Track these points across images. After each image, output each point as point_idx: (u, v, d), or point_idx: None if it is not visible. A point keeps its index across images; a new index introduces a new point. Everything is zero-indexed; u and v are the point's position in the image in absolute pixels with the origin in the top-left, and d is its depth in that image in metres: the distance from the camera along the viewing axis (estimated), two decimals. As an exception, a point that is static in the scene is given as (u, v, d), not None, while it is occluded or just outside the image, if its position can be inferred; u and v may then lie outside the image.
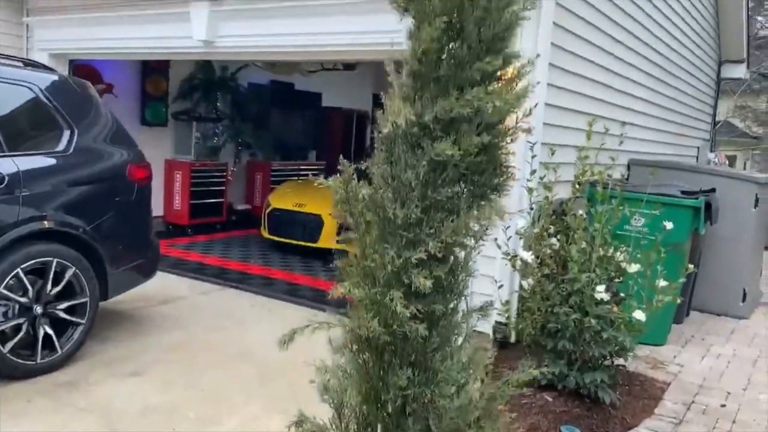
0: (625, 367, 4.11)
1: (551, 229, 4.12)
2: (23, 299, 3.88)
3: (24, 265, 3.85)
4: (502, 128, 1.54)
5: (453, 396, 1.58)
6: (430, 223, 1.53)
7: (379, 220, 1.57)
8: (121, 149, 4.63)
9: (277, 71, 10.12)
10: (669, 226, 4.09)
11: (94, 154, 4.43)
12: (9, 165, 3.88)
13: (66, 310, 4.09)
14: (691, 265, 4.40)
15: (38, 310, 3.93)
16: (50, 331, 3.99)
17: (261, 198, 9.73)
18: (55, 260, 3.99)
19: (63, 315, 4.07)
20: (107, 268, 4.33)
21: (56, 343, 4.01)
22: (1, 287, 3.75)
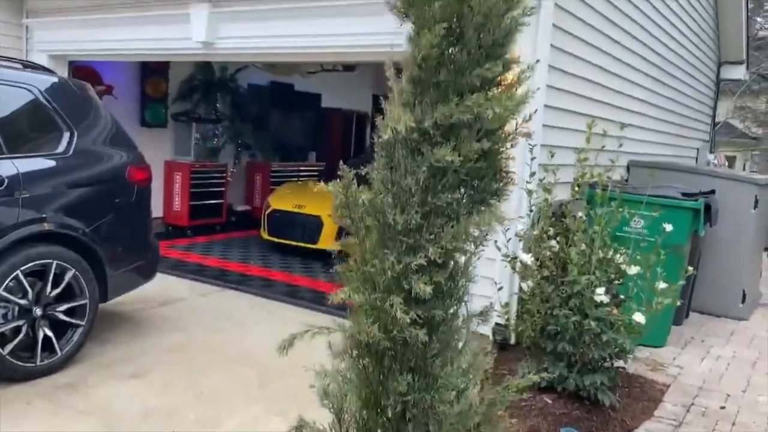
0: (624, 369, 4.11)
1: (551, 231, 4.12)
2: (23, 301, 3.87)
3: (24, 267, 3.84)
4: (501, 134, 1.54)
5: (453, 402, 1.58)
6: (430, 228, 1.52)
7: (379, 226, 1.57)
8: (120, 151, 4.63)
9: (276, 72, 10.12)
10: (668, 228, 4.09)
11: (94, 156, 4.43)
12: (9, 167, 3.87)
13: (65, 312, 4.08)
14: (690, 268, 4.40)
15: (38, 312, 3.93)
16: (50, 333, 3.98)
17: (261, 199, 9.72)
18: (55, 262, 3.99)
19: (62, 317, 4.06)
20: (107, 270, 4.33)
21: (56, 345, 4.01)
22: (1, 289, 3.74)
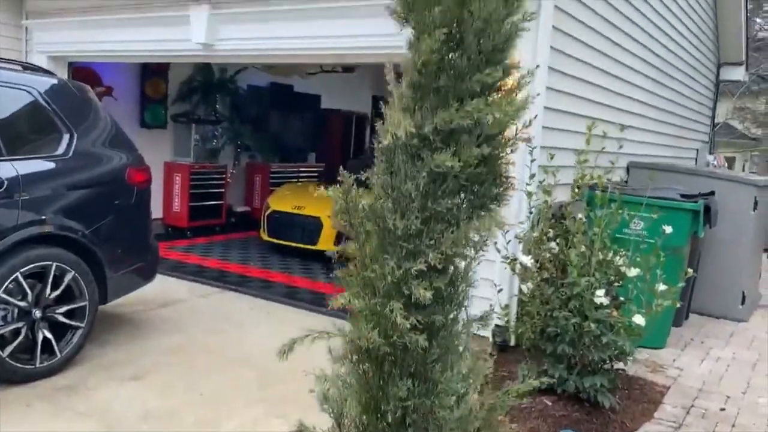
0: (624, 371, 4.11)
1: (550, 233, 4.12)
2: (22, 303, 3.87)
3: (23, 269, 3.84)
4: (502, 139, 1.54)
5: (453, 407, 1.58)
6: (430, 234, 1.52)
7: (379, 231, 1.56)
8: (120, 153, 4.63)
9: (275, 73, 10.12)
10: (668, 230, 4.09)
11: (94, 158, 4.43)
12: (8, 169, 3.87)
13: (65, 313, 4.08)
14: (690, 270, 4.40)
15: (37, 314, 3.92)
16: (49, 335, 3.98)
17: (260, 200, 9.73)
18: (55, 264, 3.99)
19: (62, 319, 4.06)
20: (106, 272, 4.33)
21: (55, 347, 4.00)
22: (1, 291, 3.74)
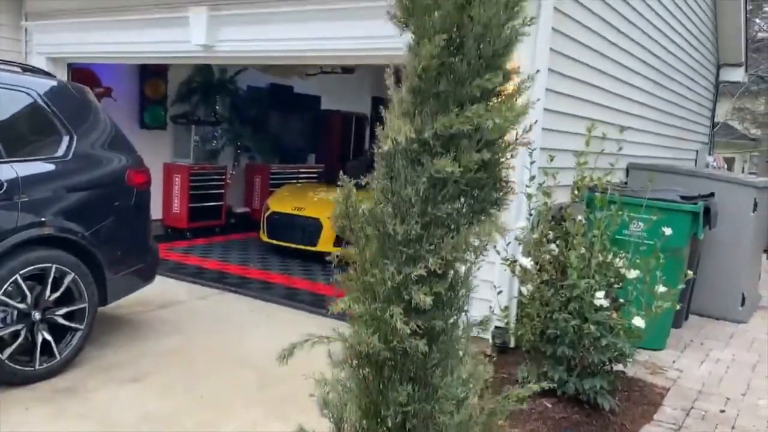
0: (624, 372, 4.11)
1: (550, 234, 4.12)
2: (22, 305, 3.87)
3: (23, 271, 3.84)
4: (502, 144, 1.54)
5: (453, 412, 1.58)
6: (430, 239, 1.52)
7: (379, 235, 1.56)
8: (120, 154, 4.63)
9: (275, 74, 10.11)
10: (668, 232, 4.09)
11: (93, 160, 4.42)
12: (8, 171, 3.87)
13: (65, 315, 4.07)
14: (690, 272, 4.40)
15: (37, 316, 3.92)
16: (49, 337, 3.97)
17: (260, 201, 9.72)
18: (54, 266, 3.98)
19: (62, 321, 4.06)
20: (106, 274, 4.32)
21: (55, 348, 4.00)
22: (0, 293, 3.74)
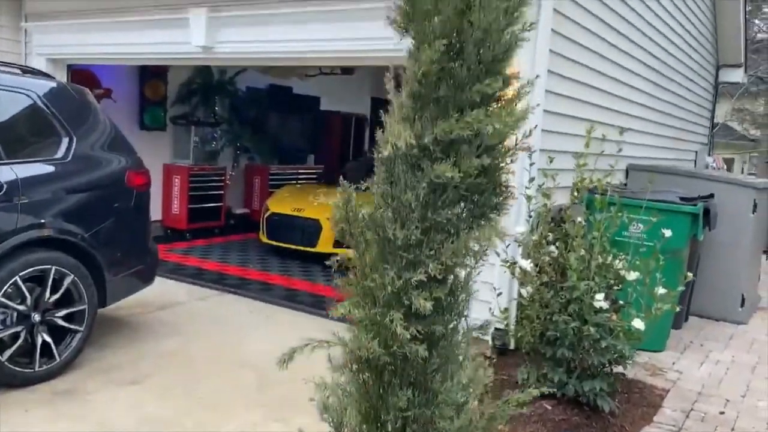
0: (624, 374, 4.11)
1: (550, 236, 4.12)
2: (21, 307, 3.86)
3: (22, 272, 3.83)
4: (502, 149, 1.54)
5: (453, 417, 1.58)
6: (430, 244, 1.52)
7: (379, 240, 1.56)
8: (119, 156, 4.63)
9: (274, 75, 10.11)
10: (667, 233, 4.09)
11: (93, 161, 4.42)
12: (7, 173, 3.87)
13: (64, 317, 4.07)
14: (690, 274, 4.40)
15: (36, 317, 3.92)
16: (48, 339, 3.97)
17: (259, 202, 9.72)
18: (54, 268, 3.98)
19: (61, 322, 4.05)
20: (106, 275, 4.32)
21: (54, 350, 4.00)
22: (0, 295, 3.74)
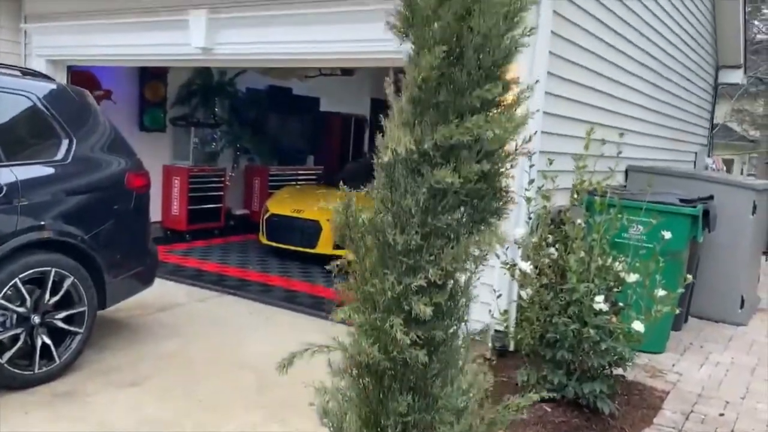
0: (624, 376, 4.11)
1: (549, 238, 4.12)
2: (21, 309, 3.86)
3: (22, 274, 3.83)
4: (502, 154, 1.54)
5: (453, 422, 1.58)
6: (430, 249, 1.52)
7: (379, 244, 1.56)
8: (119, 158, 4.63)
9: (274, 76, 10.12)
10: (667, 235, 4.09)
11: (93, 163, 4.42)
12: (7, 175, 3.87)
13: (64, 319, 4.07)
14: (689, 276, 4.40)
15: (36, 319, 3.92)
16: (48, 341, 3.97)
17: (259, 203, 9.72)
18: (54, 270, 3.98)
19: (61, 324, 4.05)
20: (105, 277, 4.32)
21: (54, 352, 4.00)
22: (-1, 297, 3.75)
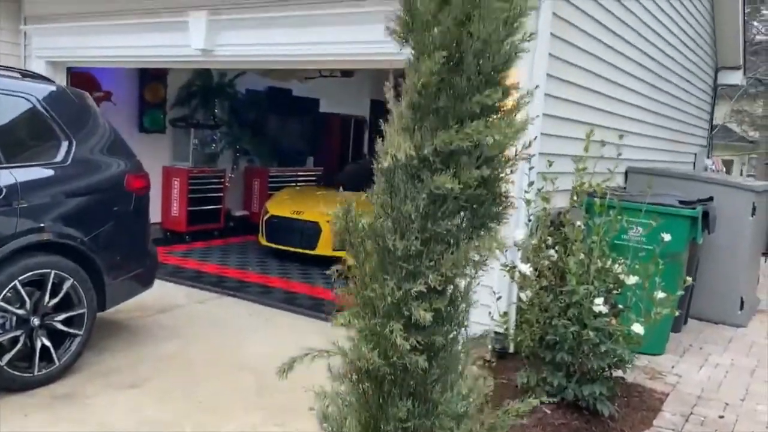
0: (623, 378, 4.11)
1: (549, 240, 4.12)
2: (20, 311, 3.86)
3: (22, 276, 3.83)
4: (501, 159, 1.54)
5: (453, 427, 1.58)
6: (430, 255, 1.52)
7: (379, 249, 1.56)
8: (119, 159, 4.63)
9: (274, 77, 10.12)
10: (667, 237, 4.10)
11: (92, 165, 4.42)
12: (7, 177, 3.87)
13: (64, 321, 4.07)
14: (689, 278, 4.40)
15: (36, 321, 3.92)
16: (48, 343, 3.97)
17: (259, 204, 9.72)
18: (53, 272, 3.98)
19: (60, 326, 4.05)
20: (105, 279, 4.32)
21: (54, 354, 4.00)
22: (-1, 299, 3.75)
